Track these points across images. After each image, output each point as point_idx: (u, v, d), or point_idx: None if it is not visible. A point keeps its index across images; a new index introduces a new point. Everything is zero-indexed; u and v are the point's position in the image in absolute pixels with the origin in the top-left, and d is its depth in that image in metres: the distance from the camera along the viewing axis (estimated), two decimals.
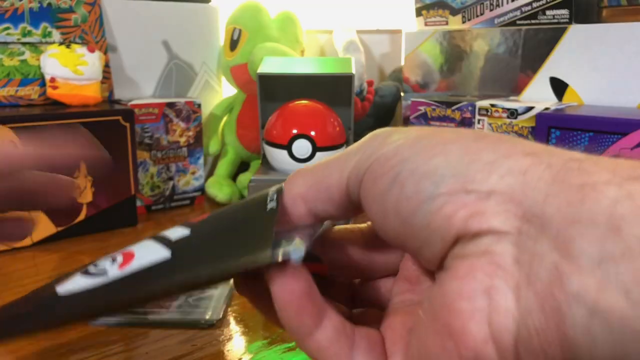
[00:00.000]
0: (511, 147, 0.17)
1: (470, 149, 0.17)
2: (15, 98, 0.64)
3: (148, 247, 0.22)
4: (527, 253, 0.15)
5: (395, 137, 0.19)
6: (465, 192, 0.16)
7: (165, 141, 0.73)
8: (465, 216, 0.16)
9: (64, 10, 0.67)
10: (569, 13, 0.67)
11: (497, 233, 0.16)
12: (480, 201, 0.16)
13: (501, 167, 0.16)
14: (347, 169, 0.20)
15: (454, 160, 0.17)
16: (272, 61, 0.69)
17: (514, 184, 0.16)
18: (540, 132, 0.60)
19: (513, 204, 0.16)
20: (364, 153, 0.19)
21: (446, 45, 0.79)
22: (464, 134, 0.18)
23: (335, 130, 0.62)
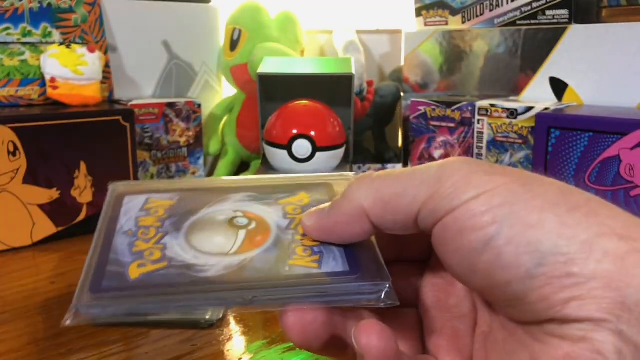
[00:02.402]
0: (602, 223, 0.17)
1: (565, 222, 0.17)
2: (15, 98, 0.64)
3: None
4: (630, 344, 0.15)
5: (481, 181, 0.18)
6: (566, 276, 0.16)
7: (166, 141, 0.73)
8: (564, 300, 0.16)
9: (64, 11, 0.67)
10: (569, 13, 0.67)
11: (596, 321, 0.16)
12: (580, 286, 0.16)
13: (597, 249, 0.16)
14: (421, 199, 0.19)
15: (553, 235, 0.17)
16: (272, 61, 0.69)
17: (612, 270, 0.16)
18: (540, 132, 0.60)
19: (612, 290, 0.16)
20: (443, 188, 0.19)
21: (446, 46, 0.79)
22: (556, 199, 0.18)
23: (335, 130, 0.62)
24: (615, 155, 0.55)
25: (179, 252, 0.23)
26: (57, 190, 0.59)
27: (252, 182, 0.28)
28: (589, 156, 0.57)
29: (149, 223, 0.25)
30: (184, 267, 0.22)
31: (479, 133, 0.70)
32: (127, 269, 0.22)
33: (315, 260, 0.22)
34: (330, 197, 0.26)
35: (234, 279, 0.22)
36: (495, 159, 0.69)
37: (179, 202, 0.27)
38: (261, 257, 0.23)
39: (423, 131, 0.75)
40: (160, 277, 0.22)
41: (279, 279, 0.21)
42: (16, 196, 0.57)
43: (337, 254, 0.23)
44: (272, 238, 0.24)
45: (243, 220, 0.25)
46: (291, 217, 0.25)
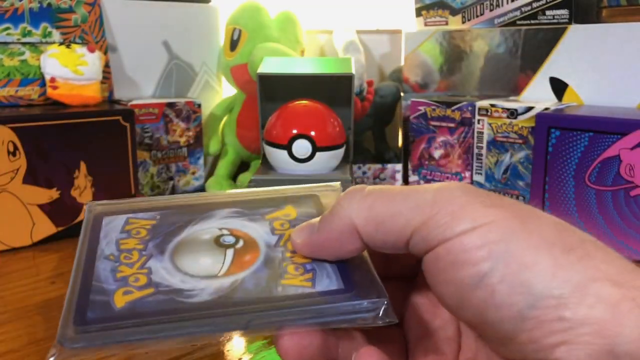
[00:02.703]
0: (597, 267, 0.17)
1: (560, 264, 0.17)
2: (15, 98, 0.64)
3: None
4: None
5: (478, 214, 0.18)
6: (557, 320, 0.16)
7: (165, 141, 0.73)
8: (554, 343, 0.16)
9: (64, 11, 0.67)
10: (569, 13, 0.67)
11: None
12: (570, 330, 0.16)
13: (590, 294, 0.16)
14: (414, 223, 0.19)
15: (547, 277, 0.17)
16: (272, 61, 0.69)
17: (604, 317, 0.16)
18: (540, 132, 0.60)
19: (602, 337, 0.16)
20: (438, 215, 0.18)
21: (446, 46, 0.79)
22: (552, 238, 0.18)
23: (335, 130, 0.62)
24: (616, 155, 0.55)
25: (165, 276, 0.22)
26: (57, 190, 0.59)
27: (235, 197, 0.27)
28: (589, 156, 0.57)
29: (131, 245, 0.24)
30: (172, 292, 0.21)
31: (479, 133, 0.70)
32: (112, 297, 0.21)
33: (308, 278, 0.22)
34: (318, 209, 0.25)
35: (225, 303, 0.21)
36: (495, 159, 0.69)
37: (160, 221, 0.26)
38: (252, 278, 0.22)
39: (423, 131, 0.75)
40: (148, 304, 0.21)
41: (272, 301, 0.21)
42: (16, 196, 0.57)
43: (330, 271, 0.22)
44: (262, 257, 0.23)
45: (230, 239, 0.24)
46: (279, 233, 0.24)
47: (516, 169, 0.67)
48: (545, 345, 0.16)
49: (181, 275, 0.22)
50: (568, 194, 0.59)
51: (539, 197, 0.61)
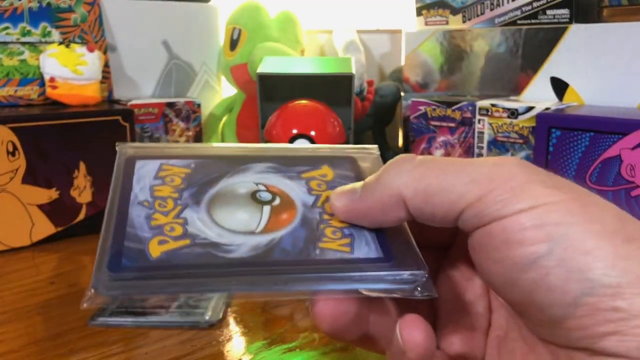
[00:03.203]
0: None
1: (620, 253, 0.16)
2: (14, 98, 0.64)
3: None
4: None
5: (538, 193, 0.17)
6: (612, 309, 0.16)
7: (165, 141, 0.73)
8: (605, 333, 0.16)
9: (63, 10, 0.66)
10: (570, 13, 0.67)
11: (633, 358, 0.16)
12: (624, 321, 0.16)
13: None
14: (469, 198, 0.18)
15: (606, 265, 0.16)
16: (272, 61, 0.69)
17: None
18: (541, 132, 0.60)
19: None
20: (496, 192, 0.18)
21: (446, 45, 0.79)
22: (614, 226, 0.17)
23: (335, 130, 0.62)
24: (616, 156, 0.55)
25: (201, 228, 0.22)
26: (57, 191, 0.59)
27: (271, 152, 0.26)
28: (589, 156, 0.56)
29: (166, 193, 0.23)
30: (209, 245, 0.21)
31: (479, 133, 0.70)
32: (147, 245, 0.21)
33: (346, 243, 0.21)
34: (356, 173, 0.25)
35: (263, 261, 0.20)
36: None
37: (195, 170, 0.25)
38: (289, 238, 0.21)
39: (423, 131, 0.75)
40: (185, 256, 0.20)
41: (310, 264, 0.20)
42: (15, 196, 0.57)
43: (369, 238, 0.21)
44: (299, 217, 0.22)
45: (266, 195, 0.23)
46: (316, 194, 0.23)
47: None
48: (595, 334, 0.16)
49: (218, 228, 0.22)
50: None
51: None
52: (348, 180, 0.23)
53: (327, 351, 0.38)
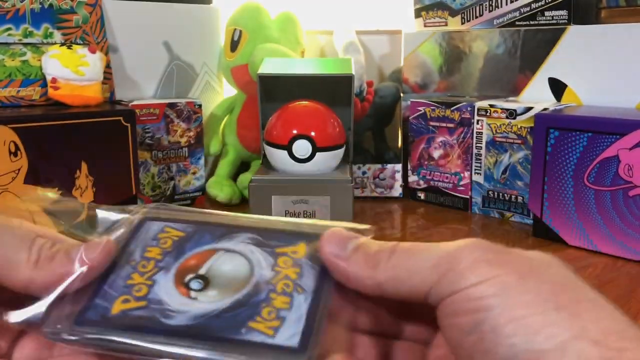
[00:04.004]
0: (583, 327, 0.18)
1: (548, 320, 0.18)
2: (16, 99, 0.64)
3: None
4: None
5: (482, 271, 0.20)
6: None
7: (166, 141, 0.73)
8: None
9: (65, 11, 0.67)
10: (568, 14, 0.67)
11: None
12: None
13: (570, 352, 0.18)
14: (431, 280, 0.21)
15: (531, 331, 0.18)
16: (272, 62, 0.69)
17: None
18: (539, 133, 0.60)
19: None
20: (450, 274, 0.21)
21: (445, 46, 0.80)
22: (547, 296, 0.19)
23: (335, 130, 0.63)
24: (614, 156, 0.55)
25: (161, 292, 0.23)
26: (58, 191, 0.59)
27: (261, 224, 0.27)
28: (587, 156, 0.57)
29: (153, 254, 0.25)
30: (157, 310, 0.23)
31: (478, 133, 0.70)
32: (113, 303, 0.23)
33: (274, 326, 0.22)
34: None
35: (190, 333, 0.22)
36: (494, 159, 0.69)
37: (188, 235, 0.26)
38: (226, 313, 0.23)
39: (422, 131, 0.75)
40: (131, 316, 0.22)
41: (230, 343, 0.22)
42: (17, 196, 0.57)
43: (302, 317, 0.23)
44: (245, 291, 0.24)
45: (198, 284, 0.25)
46: (278, 270, 0.24)
47: (515, 169, 0.67)
48: None
49: (176, 293, 0.23)
50: (567, 194, 0.59)
51: (537, 197, 0.62)
52: (316, 261, 0.24)
53: None
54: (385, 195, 0.79)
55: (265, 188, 0.60)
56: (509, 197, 0.69)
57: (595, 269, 0.53)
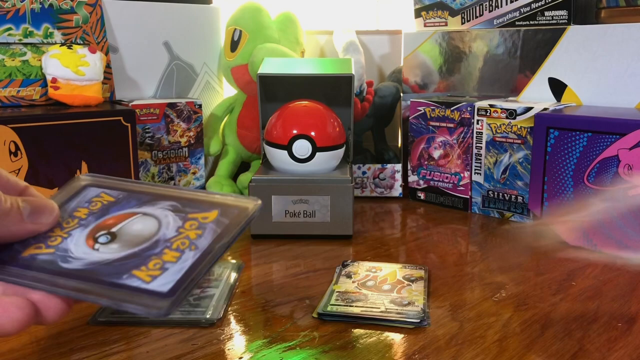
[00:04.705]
0: None
1: None
2: (16, 98, 0.64)
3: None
4: None
5: None
6: None
7: (166, 141, 0.73)
8: None
9: (65, 11, 0.67)
10: (568, 14, 0.67)
11: None
12: None
13: None
14: None
15: None
16: (272, 62, 0.69)
17: None
18: (539, 133, 0.60)
19: None
20: None
21: (445, 46, 0.80)
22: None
23: (335, 130, 0.63)
24: (614, 156, 0.55)
25: (70, 243, 0.28)
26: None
27: (185, 194, 0.31)
28: (587, 156, 0.57)
29: (80, 214, 0.30)
30: (60, 257, 0.27)
31: (478, 133, 0.70)
32: (25, 249, 0.27)
33: (154, 275, 0.25)
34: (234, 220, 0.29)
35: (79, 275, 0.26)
36: (494, 159, 0.69)
37: (117, 200, 0.31)
38: (117, 262, 0.26)
39: (422, 131, 0.75)
40: (38, 260, 0.27)
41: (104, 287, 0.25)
42: None
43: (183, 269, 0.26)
44: (144, 245, 0.27)
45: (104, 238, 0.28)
46: (181, 232, 0.28)
47: (515, 169, 0.67)
48: None
49: (83, 244, 0.28)
50: (567, 194, 0.59)
51: (537, 197, 0.62)
52: (220, 225, 0.28)
53: (327, 349, 0.38)
54: (385, 195, 0.79)
55: (265, 188, 0.60)
56: (509, 197, 0.69)
57: (595, 269, 0.53)
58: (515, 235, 0.64)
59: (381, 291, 0.46)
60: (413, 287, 0.47)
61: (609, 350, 0.38)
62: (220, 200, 0.30)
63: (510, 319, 0.43)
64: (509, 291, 0.48)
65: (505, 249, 0.60)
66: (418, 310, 0.43)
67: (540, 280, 0.51)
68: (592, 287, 0.48)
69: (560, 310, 0.44)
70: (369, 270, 0.51)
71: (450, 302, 0.46)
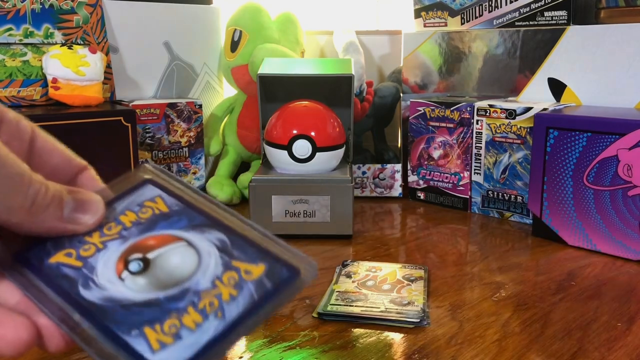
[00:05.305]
0: None
1: None
2: (17, 99, 0.64)
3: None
4: None
5: None
6: None
7: (167, 141, 0.73)
8: None
9: (65, 12, 0.67)
10: (567, 14, 0.67)
11: None
12: None
13: None
14: None
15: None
16: (272, 62, 0.69)
17: None
18: (539, 133, 0.60)
19: None
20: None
21: (445, 47, 0.80)
22: None
23: (335, 130, 0.63)
24: (614, 156, 0.55)
25: (101, 259, 0.24)
26: None
27: (239, 226, 0.26)
28: (587, 156, 0.57)
29: (126, 220, 0.25)
30: (83, 276, 0.23)
31: (477, 133, 0.70)
32: (55, 254, 0.24)
33: (163, 342, 0.21)
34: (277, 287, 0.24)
35: (90, 310, 0.22)
36: (494, 159, 0.69)
37: (170, 212, 0.26)
38: (135, 307, 0.22)
39: (422, 131, 0.75)
40: (60, 273, 0.23)
41: (107, 339, 0.21)
42: None
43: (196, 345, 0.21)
44: (172, 292, 0.23)
45: (136, 266, 0.24)
46: (216, 284, 0.23)
47: (515, 169, 0.68)
48: None
49: (112, 267, 0.23)
50: (566, 194, 0.59)
51: (537, 197, 0.62)
52: (260, 291, 0.23)
53: (327, 349, 0.38)
54: (385, 195, 0.79)
55: (265, 188, 0.60)
56: (509, 197, 0.69)
57: (594, 268, 0.53)
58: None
59: (381, 291, 0.46)
60: (413, 286, 0.47)
61: (609, 350, 0.38)
62: (273, 250, 0.25)
63: (509, 319, 0.43)
64: (509, 291, 0.48)
65: (505, 248, 0.60)
66: (418, 310, 0.43)
67: (540, 280, 0.51)
68: (592, 287, 0.48)
69: (559, 310, 0.44)
70: (369, 270, 0.51)
71: (450, 301, 0.46)
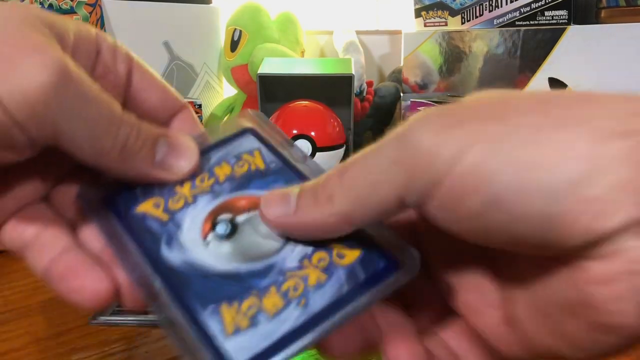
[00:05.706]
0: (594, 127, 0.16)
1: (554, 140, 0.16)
2: None
3: None
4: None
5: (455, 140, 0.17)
6: (578, 202, 0.15)
7: None
8: (586, 223, 0.15)
9: (65, 12, 0.67)
10: (568, 14, 0.67)
11: (621, 230, 0.15)
12: (597, 202, 0.15)
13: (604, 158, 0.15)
14: (399, 184, 0.18)
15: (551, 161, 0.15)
16: (272, 62, 0.69)
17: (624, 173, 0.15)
18: None
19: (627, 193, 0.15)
20: (419, 162, 0.17)
21: (445, 46, 0.80)
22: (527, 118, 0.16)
23: (335, 130, 0.63)
24: None
25: (189, 214, 0.21)
26: None
27: None
28: None
29: (220, 172, 0.23)
30: (167, 233, 0.21)
31: None
32: (143, 202, 0.22)
33: (237, 326, 0.19)
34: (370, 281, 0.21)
35: (167, 274, 0.20)
36: None
37: (268, 170, 0.23)
38: (215, 277, 0.20)
39: None
40: (145, 226, 0.21)
41: (181, 311, 0.19)
42: None
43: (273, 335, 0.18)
44: (255, 267, 0.20)
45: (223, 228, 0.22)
46: (305, 265, 0.20)
47: None
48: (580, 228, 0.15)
49: (199, 226, 0.21)
50: None
51: None
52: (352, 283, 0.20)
53: None
54: None
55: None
56: None
57: None
58: None
59: None
60: None
61: None
62: (374, 233, 0.21)
63: None
64: None
65: None
66: None
67: None
68: None
69: None
70: None
71: None
